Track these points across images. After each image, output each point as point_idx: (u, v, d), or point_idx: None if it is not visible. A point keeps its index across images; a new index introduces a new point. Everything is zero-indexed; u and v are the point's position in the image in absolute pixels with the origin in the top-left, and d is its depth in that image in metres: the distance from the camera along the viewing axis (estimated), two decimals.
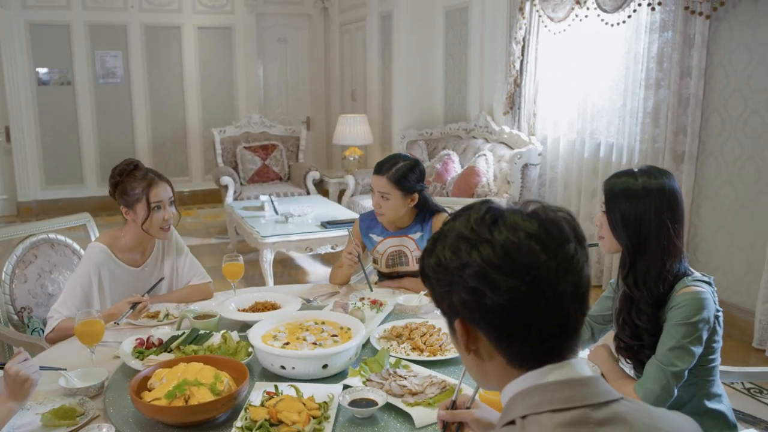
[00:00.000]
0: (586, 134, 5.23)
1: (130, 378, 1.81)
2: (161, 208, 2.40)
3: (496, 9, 5.93)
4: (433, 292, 1.02)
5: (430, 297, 1.06)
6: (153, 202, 2.38)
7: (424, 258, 1.03)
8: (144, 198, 2.36)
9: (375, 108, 7.62)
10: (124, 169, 2.41)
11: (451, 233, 0.98)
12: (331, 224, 5.03)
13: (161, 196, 2.40)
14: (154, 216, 2.38)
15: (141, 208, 2.37)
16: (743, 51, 4.03)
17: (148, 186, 2.38)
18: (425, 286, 1.06)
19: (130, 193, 2.37)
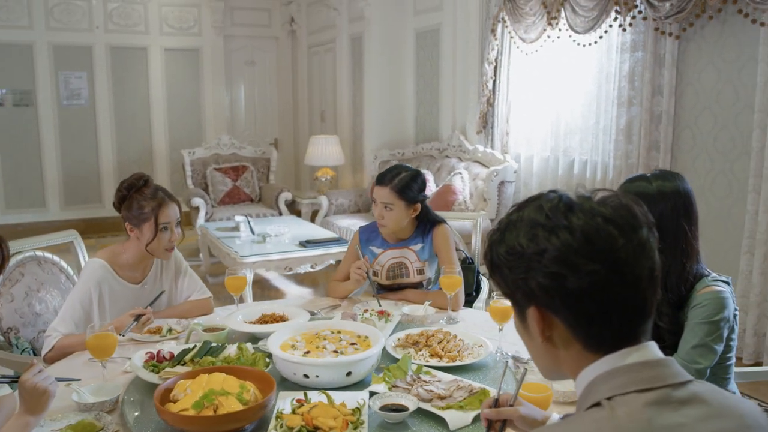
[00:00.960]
0: (559, 152, 5.34)
1: (145, 392, 1.76)
2: (168, 229, 2.35)
3: (468, 30, 6.05)
4: (503, 282, 1.03)
5: (499, 287, 1.06)
6: (162, 223, 2.32)
7: (492, 248, 1.04)
8: (153, 218, 2.31)
9: (346, 129, 7.64)
10: (133, 184, 2.35)
11: (521, 222, 1.00)
12: (310, 243, 5.00)
13: (170, 217, 2.35)
14: (161, 237, 2.33)
15: (148, 229, 2.32)
16: (711, 70, 4.19)
17: (159, 206, 2.33)
18: (493, 278, 1.06)
19: (138, 212, 2.31)
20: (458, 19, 6.19)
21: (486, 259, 1.07)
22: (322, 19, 8.09)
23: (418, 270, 2.70)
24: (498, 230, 1.05)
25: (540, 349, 1.03)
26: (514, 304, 1.04)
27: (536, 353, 1.05)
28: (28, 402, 1.49)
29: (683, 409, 0.89)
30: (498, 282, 1.05)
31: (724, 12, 3.97)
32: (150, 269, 2.49)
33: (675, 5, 4.09)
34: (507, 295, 1.05)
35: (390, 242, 2.74)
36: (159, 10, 8.10)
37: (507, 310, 2.05)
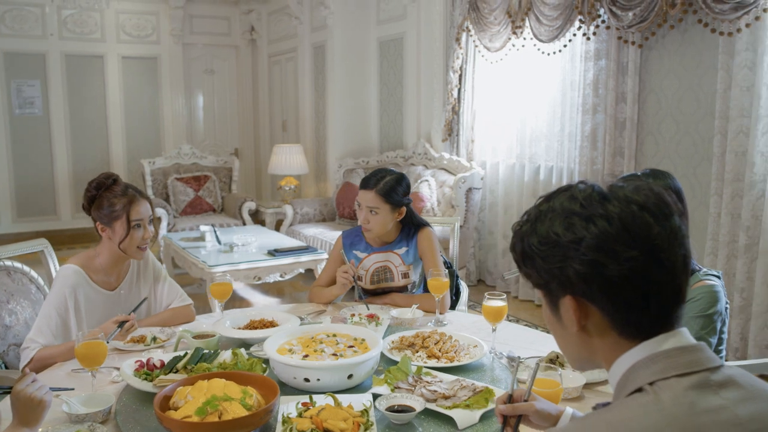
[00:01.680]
0: (525, 158, 5.42)
1: (139, 401, 1.71)
2: (141, 226, 2.29)
3: (432, 40, 6.10)
4: (536, 272, 1.03)
5: (529, 279, 1.06)
6: (133, 220, 2.26)
7: (523, 239, 1.04)
8: (124, 215, 2.25)
9: (309, 138, 7.61)
10: (102, 183, 2.29)
11: (553, 212, 1.00)
12: (279, 252, 4.95)
13: (142, 214, 2.30)
14: (134, 234, 2.26)
15: (120, 226, 2.25)
16: (673, 78, 4.33)
17: (129, 203, 2.27)
18: (523, 269, 1.06)
19: (110, 210, 2.25)
20: (422, 28, 6.24)
21: (515, 251, 1.07)
22: (284, 28, 8.05)
23: (402, 274, 2.69)
24: (527, 221, 1.05)
25: (573, 338, 1.03)
26: (546, 294, 1.05)
27: (568, 343, 1.06)
28: (22, 413, 1.43)
29: (722, 392, 0.91)
30: (529, 273, 1.05)
31: (685, 22, 4.11)
32: (125, 274, 2.41)
33: (638, 15, 4.21)
34: (539, 286, 1.05)
35: (374, 246, 2.72)
36: (116, 18, 7.94)
37: (500, 310, 2.06)
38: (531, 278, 1.06)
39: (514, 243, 1.08)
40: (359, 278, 2.67)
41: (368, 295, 2.72)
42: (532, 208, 1.07)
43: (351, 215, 6.39)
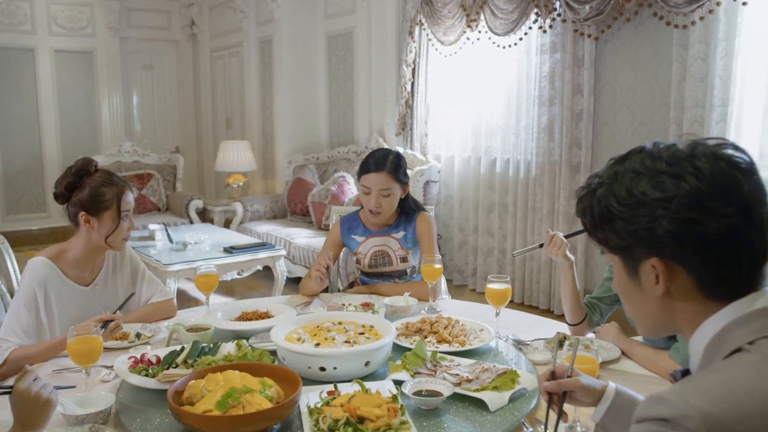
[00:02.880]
0: (481, 151, 5.44)
1: (140, 398, 1.59)
2: (128, 217, 2.15)
3: (384, 33, 6.06)
4: (616, 235, 0.99)
5: (605, 244, 1.02)
6: (124, 210, 2.12)
7: (599, 202, 1.00)
8: (115, 205, 2.10)
9: (255, 134, 7.44)
10: (83, 169, 2.13)
11: (632, 172, 0.97)
12: (236, 249, 4.79)
13: (129, 204, 2.17)
14: (122, 225, 2.12)
15: (109, 217, 2.10)
16: (628, 70, 4.43)
17: (120, 192, 2.12)
18: (598, 233, 1.02)
19: (99, 199, 2.09)
20: (373, 22, 6.19)
21: (590, 215, 1.03)
22: (227, 23, 7.85)
23: (401, 258, 2.64)
24: (601, 184, 1.01)
25: (653, 304, 1.00)
26: (624, 259, 1.01)
27: (646, 310, 1.02)
28: (25, 415, 1.29)
29: None
30: (606, 238, 1.02)
31: (640, 15, 4.21)
32: (100, 269, 2.26)
33: (594, 8, 4.29)
34: (617, 250, 1.01)
35: (372, 230, 2.66)
36: (47, 9, 7.54)
37: (505, 292, 2.03)
38: (608, 243, 1.02)
39: (586, 207, 1.04)
40: (357, 261, 2.61)
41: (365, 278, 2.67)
42: (604, 170, 1.03)
43: (303, 212, 6.28)
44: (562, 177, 4.77)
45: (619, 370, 1.80)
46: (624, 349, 1.88)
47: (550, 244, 2.03)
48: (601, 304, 2.09)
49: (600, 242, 1.04)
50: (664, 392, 0.87)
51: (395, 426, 1.33)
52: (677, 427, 0.82)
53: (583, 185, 1.08)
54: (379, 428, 1.31)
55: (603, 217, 1.00)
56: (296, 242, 5.53)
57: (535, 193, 5.00)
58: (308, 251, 5.37)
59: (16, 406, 1.30)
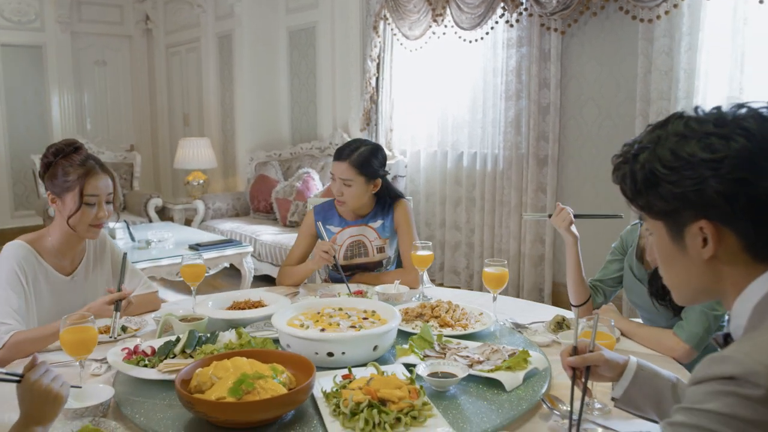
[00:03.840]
0: (447, 146, 5.45)
1: (138, 390, 1.51)
2: (96, 204, 2.04)
3: (348, 28, 6.01)
4: (662, 199, 0.98)
5: (647, 210, 1.01)
6: (88, 194, 2.01)
7: (644, 166, 0.98)
8: (77, 188, 2.00)
9: (215, 131, 7.29)
10: (61, 150, 2.03)
11: (677, 135, 0.97)
12: (202, 246, 4.68)
13: (99, 189, 2.04)
14: (85, 211, 2.02)
15: (71, 199, 2.00)
16: (594, 64, 4.50)
17: (86, 174, 2.01)
18: (640, 200, 1.01)
19: (63, 179, 2.00)
20: (336, 16, 6.14)
21: (632, 180, 1.01)
22: (184, 18, 7.67)
23: (378, 248, 2.60)
24: (643, 149, 1.01)
25: (699, 268, 0.99)
26: (669, 223, 1.00)
27: (690, 275, 1.01)
28: (34, 408, 1.21)
29: None
30: (649, 203, 1.00)
31: (606, 9, 4.28)
32: (81, 259, 2.15)
33: (561, 2, 4.34)
34: (662, 215, 1.00)
35: (348, 220, 2.61)
36: None
37: (502, 276, 2.02)
38: (651, 208, 1.01)
39: (626, 173, 1.03)
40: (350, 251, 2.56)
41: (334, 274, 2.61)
42: (643, 136, 1.03)
43: (267, 209, 6.19)
44: (529, 170, 4.81)
45: (620, 350, 1.80)
46: (624, 330, 1.89)
47: (558, 215, 2.05)
48: (604, 286, 2.11)
49: (642, 208, 1.03)
50: (725, 352, 0.87)
51: (418, 407, 1.29)
52: (744, 384, 0.81)
53: (619, 153, 1.07)
54: (403, 409, 1.28)
55: (648, 181, 0.99)
56: (262, 239, 5.44)
57: (502, 187, 5.03)
58: (275, 248, 5.29)
59: (25, 398, 1.22)
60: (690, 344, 1.75)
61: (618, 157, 1.07)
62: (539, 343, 1.79)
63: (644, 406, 1.31)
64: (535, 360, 1.57)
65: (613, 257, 2.12)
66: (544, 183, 4.80)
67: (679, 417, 0.87)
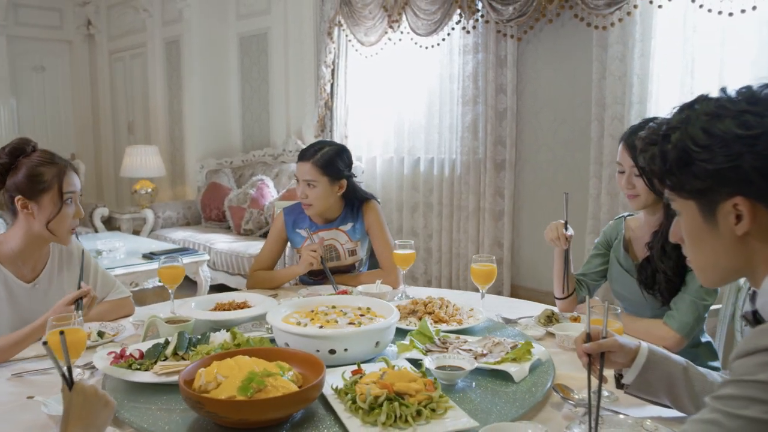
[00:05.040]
0: (404, 152, 5.46)
1: (127, 393, 1.44)
2: (73, 201, 1.94)
3: (302, 34, 5.97)
4: (695, 177, 0.99)
5: (678, 189, 1.02)
6: (66, 192, 1.92)
7: (676, 145, 0.99)
8: (56, 186, 1.89)
9: (162, 139, 7.10)
10: (19, 149, 1.91)
11: (707, 114, 0.98)
12: (157, 255, 4.53)
13: (75, 186, 1.96)
14: (65, 211, 1.92)
15: (50, 201, 1.89)
16: (550, 69, 4.60)
17: (61, 172, 1.92)
18: (672, 179, 1.02)
19: (37, 180, 1.88)
20: (289, 22, 6.09)
21: (660, 161, 1.02)
22: (128, 22, 7.46)
23: (350, 251, 2.56)
24: (673, 129, 1.01)
25: (730, 246, 1.00)
26: (702, 201, 1.01)
27: (720, 254, 1.02)
28: (84, 414, 1.12)
29: None
30: (681, 182, 1.01)
31: (562, 16, 4.38)
32: (44, 265, 2.02)
33: (517, 9, 4.42)
34: (695, 193, 1.00)
35: (318, 224, 2.56)
36: None
37: (490, 272, 2.02)
38: (683, 187, 1.02)
39: (656, 154, 1.03)
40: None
41: (307, 277, 2.56)
42: (671, 117, 1.04)
43: (220, 217, 6.06)
44: (487, 174, 4.87)
45: None
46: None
47: (555, 234, 2.03)
48: (588, 280, 2.14)
49: (673, 188, 1.04)
50: None
51: (436, 399, 1.27)
52: None
53: (645, 134, 1.08)
54: (421, 402, 1.25)
55: (680, 160, 1.00)
56: (217, 247, 5.31)
57: (460, 192, 5.07)
58: (231, 256, 5.17)
59: (74, 402, 1.12)
60: (681, 333, 1.79)
61: (645, 139, 1.08)
62: (534, 337, 1.80)
63: (657, 391, 1.32)
64: (537, 351, 1.57)
65: (596, 251, 2.16)
66: (502, 187, 4.86)
67: (727, 390, 0.88)
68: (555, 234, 2.04)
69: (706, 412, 0.89)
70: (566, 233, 2.03)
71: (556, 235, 2.04)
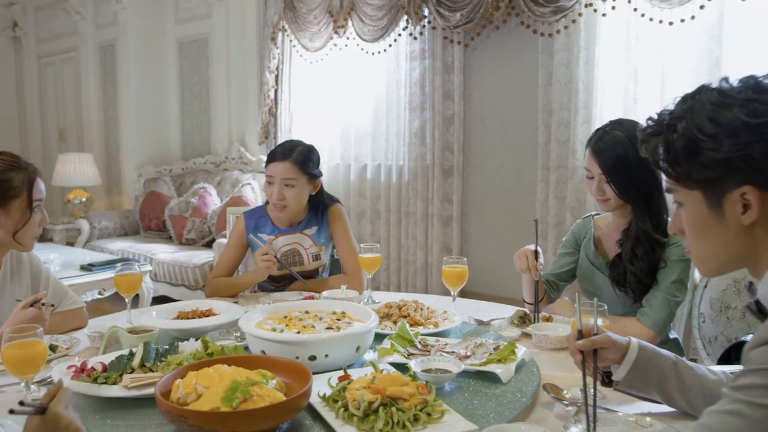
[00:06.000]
0: (351, 158, 5.41)
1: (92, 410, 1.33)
2: (40, 209, 1.85)
3: (245, 39, 5.85)
4: (701, 167, 0.98)
5: (684, 178, 1.01)
6: (36, 200, 1.82)
7: (683, 134, 0.98)
8: (26, 193, 1.78)
9: (97, 147, 6.82)
10: None
11: (712, 104, 0.98)
12: (96, 266, 4.33)
13: (43, 192, 1.88)
14: (34, 219, 1.80)
15: (18, 208, 1.78)
16: (496, 76, 4.65)
17: (32, 178, 1.81)
18: (678, 169, 1.01)
19: (5, 187, 1.76)
20: (231, 27, 5.96)
21: (665, 151, 1.01)
22: (59, 25, 7.15)
23: (314, 256, 2.49)
24: (678, 118, 1.01)
25: (735, 236, 1.00)
26: (708, 191, 1.00)
27: (725, 243, 1.02)
28: None
29: None
30: (687, 172, 1.00)
31: (508, 23, 4.44)
32: None
33: (464, 16, 4.46)
34: (701, 183, 1.00)
35: (281, 228, 2.48)
36: None
37: (462, 273, 2.00)
38: (689, 177, 1.01)
39: (661, 143, 1.02)
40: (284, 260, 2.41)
41: (267, 283, 2.48)
42: (675, 107, 1.03)
43: (160, 227, 5.86)
44: (435, 180, 4.87)
45: None
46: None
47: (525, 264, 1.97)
48: (557, 280, 2.13)
49: (677, 179, 1.03)
50: None
51: (431, 402, 1.22)
52: None
53: (646, 126, 1.07)
54: (417, 406, 1.20)
55: (688, 149, 0.99)
56: (159, 258, 5.11)
57: (408, 198, 5.06)
58: (174, 267, 4.99)
59: (46, 430, 1.02)
60: (655, 330, 1.81)
61: (646, 130, 1.07)
62: (510, 338, 1.78)
63: (647, 387, 1.31)
64: (520, 351, 1.55)
65: (564, 250, 2.16)
66: (450, 193, 4.88)
67: (748, 379, 0.87)
68: (525, 264, 1.96)
69: (726, 403, 0.88)
70: (537, 262, 1.94)
71: (526, 265, 1.95)
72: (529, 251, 1.96)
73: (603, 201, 1.92)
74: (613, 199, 1.89)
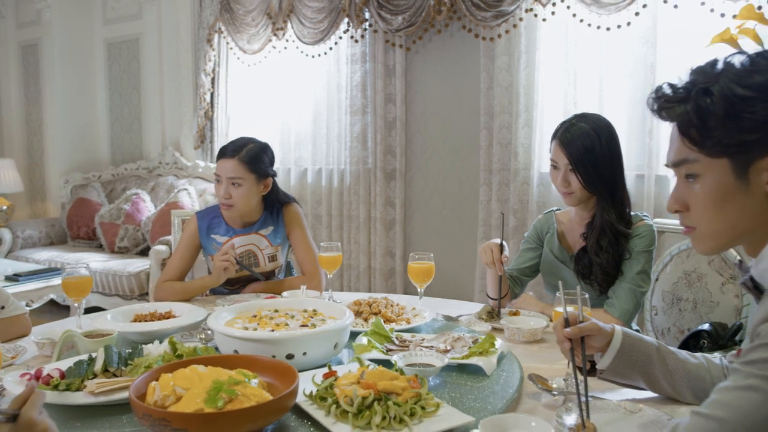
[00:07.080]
0: (290, 163, 5.33)
1: (65, 418, 1.23)
2: None
3: (179, 40, 5.68)
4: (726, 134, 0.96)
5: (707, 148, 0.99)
6: None
7: (721, 98, 0.97)
8: None
9: (18, 152, 6.46)
10: None
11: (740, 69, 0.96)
12: (23, 276, 4.10)
13: None
14: None
15: None
16: (437, 79, 4.68)
17: None
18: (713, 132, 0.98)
19: None
20: (164, 28, 5.78)
21: (699, 117, 0.99)
22: None
23: (270, 257, 2.41)
24: (699, 89, 0.98)
25: (757, 206, 0.98)
26: (737, 158, 0.98)
27: (743, 213, 1.00)
28: None
29: None
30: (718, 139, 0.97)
31: (450, 27, 4.48)
32: None
33: (406, 19, 4.47)
34: (733, 147, 0.97)
35: (236, 228, 2.39)
36: None
37: (428, 269, 1.97)
38: (719, 143, 0.98)
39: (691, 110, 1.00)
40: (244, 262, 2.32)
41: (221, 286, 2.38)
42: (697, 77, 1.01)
43: (88, 235, 5.59)
44: (377, 184, 4.85)
45: None
46: (542, 310, 1.94)
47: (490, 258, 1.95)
48: (521, 275, 2.14)
49: (704, 147, 1.00)
50: None
51: (424, 396, 1.19)
52: None
53: (662, 94, 1.04)
54: (411, 399, 1.16)
55: (728, 113, 0.96)
56: (91, 267, 4.86)
57: (350, 202, 5.01)
58: (107, 276, 4.77)
59: None
60: (622, 320, 1.83)
61: (665, 97, 1.03)
62: (481, 332, 1.76)
63: (632, 373, 1.32)
64: (498, 344, 1.54)
65: (527, 246, 2.17)
66: (393, 197, 4.87)
67: (759, 353, 0.87)
68: (490, 258, 1.95)
69: (740, 379, 0.88)
70: (502, 255, 1.94)
71: (491, 259, 1.95)
72: (494, 245, 1.95)
73: (567, 194, 1.94)
74: (578, 191, 1.91)
